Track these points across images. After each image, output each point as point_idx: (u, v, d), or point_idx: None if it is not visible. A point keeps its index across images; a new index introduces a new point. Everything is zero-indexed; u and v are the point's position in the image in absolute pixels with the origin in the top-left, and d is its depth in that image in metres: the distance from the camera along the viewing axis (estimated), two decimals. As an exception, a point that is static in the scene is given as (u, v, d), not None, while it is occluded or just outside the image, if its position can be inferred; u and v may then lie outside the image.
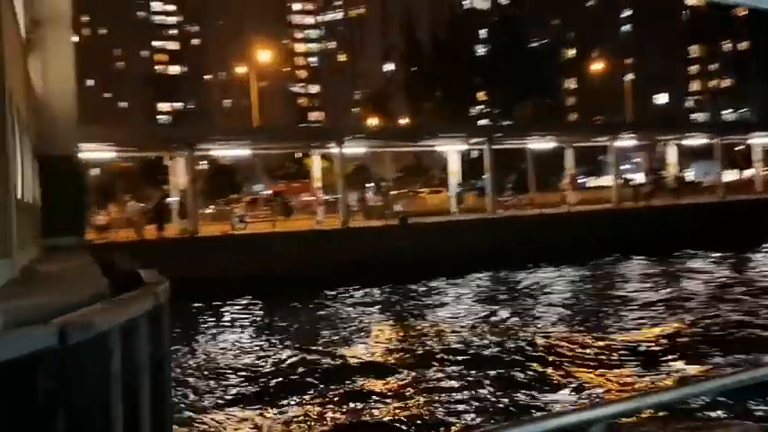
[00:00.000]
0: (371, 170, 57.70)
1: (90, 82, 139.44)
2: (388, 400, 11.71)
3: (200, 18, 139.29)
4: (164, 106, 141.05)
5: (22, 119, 12.38)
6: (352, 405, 11.59)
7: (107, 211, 29.51)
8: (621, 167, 56.06)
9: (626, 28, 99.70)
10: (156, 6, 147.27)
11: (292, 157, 66.22)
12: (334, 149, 31.25)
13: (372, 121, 67.30)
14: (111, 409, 5.21)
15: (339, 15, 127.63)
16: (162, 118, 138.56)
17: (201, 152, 31.99)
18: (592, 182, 64.50)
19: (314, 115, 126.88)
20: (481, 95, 78.06)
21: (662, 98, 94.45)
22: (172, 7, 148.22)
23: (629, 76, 71.23)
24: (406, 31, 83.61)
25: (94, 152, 29.75)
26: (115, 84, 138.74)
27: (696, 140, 43.93)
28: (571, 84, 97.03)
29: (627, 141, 40.95)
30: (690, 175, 60.53)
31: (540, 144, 38.12)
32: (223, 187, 61.63)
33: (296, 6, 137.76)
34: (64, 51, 19.25)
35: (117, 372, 5.30)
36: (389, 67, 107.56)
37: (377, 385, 12.61)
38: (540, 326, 17.29)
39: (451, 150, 37.01)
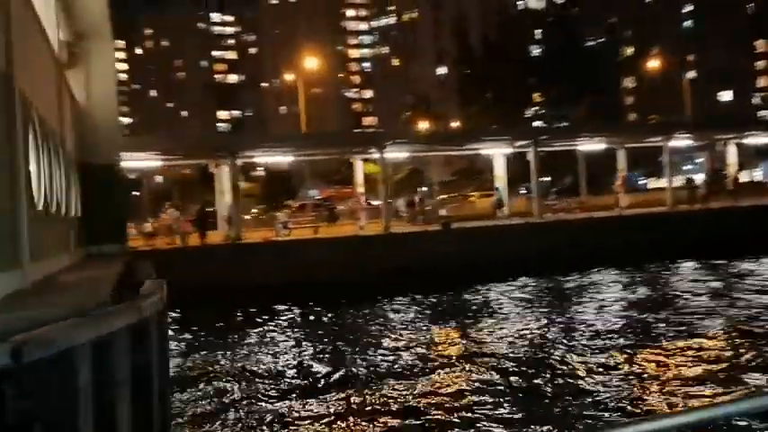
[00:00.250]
0: (425, 174, 57.23)
1: (153, 92, 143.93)
2: (420, 408, 11.43)
3: (257, 27, 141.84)
4: (223, 114, 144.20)
5: (51, 129, 12.55)
6: (379, 409, 11.40)
7: (156, 218, 30.08)
8: (684, 168, 54.16)
9: (687, 24, 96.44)
10: (215, 17, 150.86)
11: (347, 162, 66.23)
12: (375, 155, 31.10)
13: (423, 125, 66.76)
14: (80, 426, 5.10)
15: (392, 20, 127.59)
16: (221, 126, 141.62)
17: (244, 159, 32.28)
18: (652, 183, 62.50)
19: (368, 120, 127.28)
20: (536, 97, 76.68)
21: (726, 95, 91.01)
22: (230, 18, 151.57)
23: (691, 74, 68.82)
24: (458, 34, 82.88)
25: (144, 161, 30.43)
26: (176, 93, 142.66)
27: (758, 139, 42.08)
28: (629, 83, 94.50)
29: (682, 141, 39.46)
30: (758, 174, 58.18)
31: (591, 145, 37.04)
32: (278, 192, 62.08)
33: (350, 13, 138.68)
34: (106, 62, 19.61)
35: (86, 388, 5.17)
36: (442, 70, 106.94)
37: (407, 392, 12.35)
38: (587, 334, 16.66)
39: (497, 154, 36.30)
